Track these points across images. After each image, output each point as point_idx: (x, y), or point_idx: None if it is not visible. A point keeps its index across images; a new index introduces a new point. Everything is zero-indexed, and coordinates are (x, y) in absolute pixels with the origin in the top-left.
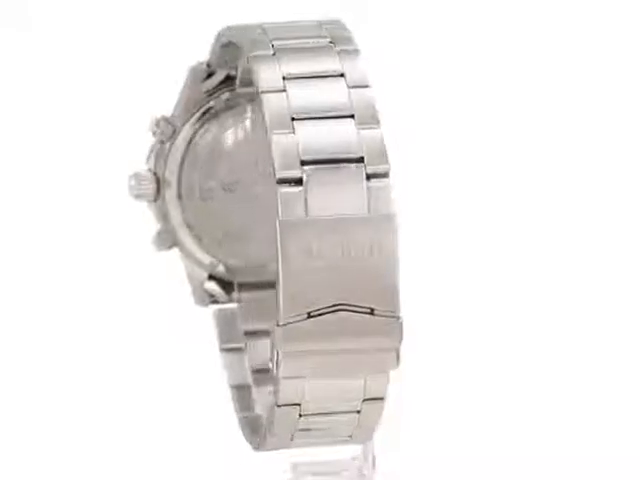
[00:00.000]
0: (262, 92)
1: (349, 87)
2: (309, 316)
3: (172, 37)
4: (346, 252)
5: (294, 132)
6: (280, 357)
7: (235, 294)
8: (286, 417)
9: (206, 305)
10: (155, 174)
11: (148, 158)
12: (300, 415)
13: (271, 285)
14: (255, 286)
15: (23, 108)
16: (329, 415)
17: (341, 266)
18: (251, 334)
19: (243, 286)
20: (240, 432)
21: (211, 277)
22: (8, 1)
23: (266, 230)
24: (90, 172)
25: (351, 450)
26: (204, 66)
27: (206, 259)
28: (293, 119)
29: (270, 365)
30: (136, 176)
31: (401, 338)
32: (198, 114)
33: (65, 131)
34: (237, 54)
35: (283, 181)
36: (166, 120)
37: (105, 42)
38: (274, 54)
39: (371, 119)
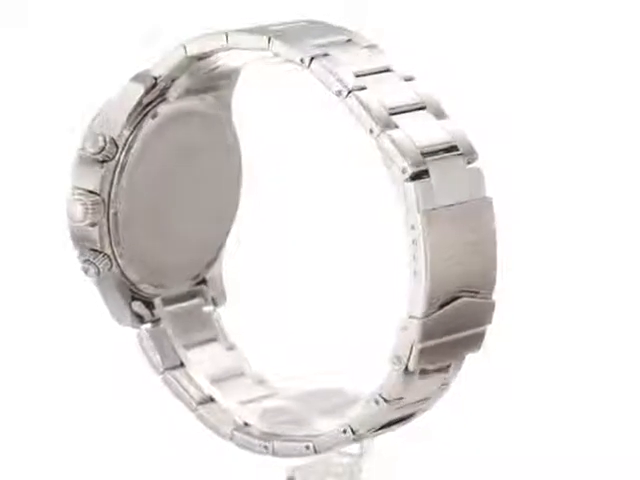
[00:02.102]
0: (351, 91)
1: (402, 80)
2: (441, 306)
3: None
4: (466, 237)
5: (398, 127)
6: (416, 352)
7: (158, 310)
8: (387, 412)
9: (138, 326)
10: (100, 195)
11: (86, 178)
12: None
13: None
14: (176, 299)
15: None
16: (409, 406)
17: (462, 252)
18: (192, 346)
19: (166, 301)
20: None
21: (134, 298)
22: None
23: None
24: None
25: (350, 449)
26: (152, 78)
27: (133, 277)
28: (391, 115)
29: (398, 358)
30: (86, 200)
31: (491, 320)
32: (141, 129)
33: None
34: (192, 64)
35: (415, 176)
36: (112, 139)
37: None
38: (325, 54)
39: (442, 109)
